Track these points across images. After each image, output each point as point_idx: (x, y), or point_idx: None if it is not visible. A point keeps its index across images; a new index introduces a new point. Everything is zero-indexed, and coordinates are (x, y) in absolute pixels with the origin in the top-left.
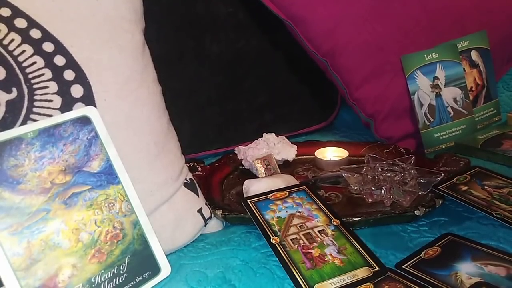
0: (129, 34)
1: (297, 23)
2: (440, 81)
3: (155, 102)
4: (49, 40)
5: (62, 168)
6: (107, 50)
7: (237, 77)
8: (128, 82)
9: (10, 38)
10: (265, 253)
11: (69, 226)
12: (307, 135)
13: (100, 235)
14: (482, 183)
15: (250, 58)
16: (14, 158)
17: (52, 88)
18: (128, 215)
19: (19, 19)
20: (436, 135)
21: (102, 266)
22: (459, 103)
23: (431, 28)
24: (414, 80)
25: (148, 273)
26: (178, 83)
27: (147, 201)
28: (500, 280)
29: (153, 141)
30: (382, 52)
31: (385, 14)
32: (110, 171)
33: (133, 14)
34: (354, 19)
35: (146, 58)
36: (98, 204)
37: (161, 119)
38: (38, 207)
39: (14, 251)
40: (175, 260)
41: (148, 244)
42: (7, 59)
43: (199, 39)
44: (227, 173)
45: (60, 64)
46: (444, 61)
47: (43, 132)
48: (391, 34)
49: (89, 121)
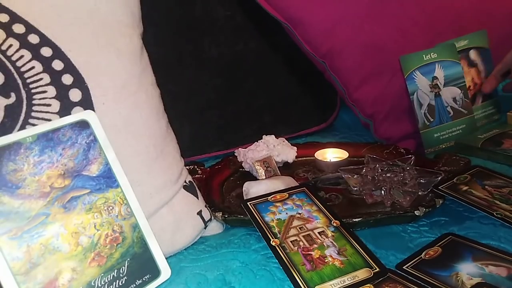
0: (127, 38)
1: (295, 25)
2: (439, 81)
3: (153, 105)
4: (47, 45)
5: (61, 172)
6: (105, 54)
7: (236, 79)
8: (126, 85)
9: (9, 44)
10: (265, 255)
11: (68, 230)
12: (307, 137)
13: (99, 238)
14: (482, 183)
15: (249, 61)
16: (13, 162)
17: (51, 92)
18: (127, 218)
19: (17, 24)
20: (436, 135)
21: (102, 269)
22: (458, 102)
23: (429, 28)
24: (413, 80)
25: (148, 276)
26: (177, 86)
27: (146, 204)
28: (501, 280)
29: (152, 144)
30: (380, 52)
31: (383, 15)
32: (109, 174)
33: (131, 18)
34: (352, 20)
35: (144, 61)
36: (97, 207)
37: (160, 122)
38: (38, 211)
39: (14, 255)
40: (175, 263)
41: (148, 247)
42: (6, 64)
43: (198, 42)
44: (227, 175)
45: (58, 68)
46: (443, 61)
47: (42, 137)
48: (389, 35)
49: (88, 125)
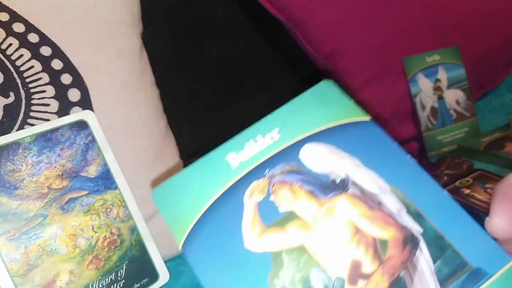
0: (127, 38)
1: (297, 25)
2: (442, 83)
3: (152, 106)
4: (47, 44)
5: (59, 173)
6: (104, 54)
7: (236, 80)
8: (126, 86)
9: (8, 43)
10: None
11: (66, 231)
12: None
13: (97, 241)
14: (484, 186)
15: (249, 61)
16: (11, 163)
17: (50, 92)
18: (125, 220)
19: (17, 23)
20: (439, 138)
21: (100, 272)
22: (461, 105)
23: (432, 30)
24: (416, 82)
25: (146, 280)
26: (176, 87)
27: (145, 207)
28: None
29: (150, 146)
30: (383, 54)
31: (386, 16)
32: (107, 176)
33: (131, 18)
34: (355, 22)
35: (143, 61)
36: (95, 209)
37: (159, 123)
38: (35, 213)
39: (12, 257)
40: (174, 267)
41: (146, 250)
42: (5, 63)
43: (198, 42)
44: None
45: (58, 68)
46: (446, 63)
47: (40, 137)
48: (393, 36)
49: (86, 125)
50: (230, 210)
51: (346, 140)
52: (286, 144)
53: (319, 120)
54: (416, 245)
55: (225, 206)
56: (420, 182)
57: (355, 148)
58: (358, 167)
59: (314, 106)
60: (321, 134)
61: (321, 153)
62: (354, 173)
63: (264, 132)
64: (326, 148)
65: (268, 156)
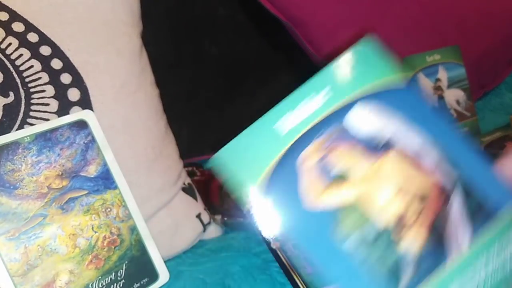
0: (127, 37)
1: (297, 25)
2: (442, 83)
3: (152, 105)
4: (46, 44)
5: (58, 173)
6: (104, 53)
7: (236, 79)
8: (125, 85)
9: (8, 42)
10: (265, 259)
11: (66, 231)
12: None
13: (97, 240)
14: None
15: (249, 61)
16: (11, 162)
17: (49, 91)
18: (125, 220)
19: (16, 23)
20: None
21: (100, 272)
22: (461, 105)
23: (432, 29)
24: (416, 82)
25: (146, 280)
26: (176, 86)
27: (144, 206)
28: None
29: (150, 146)
30: None
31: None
32: (107, 175)
33: (131, 17)
34: (355, 21)
35: (143, 61)
36: (95, 209)
37: (159, 123)
38: (35, 212)
39: (11, 256)
40: (174, 267)
41: (146, 250)
42: (5, 63)
43: (198, 41)
44: None
45: (57, 67)
46: (446, 62)
47: (40, 137)
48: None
49: (86, 125)
50: (287, 175)
51: (391, 100)
52: (336, 106)
53: (364, 80)
54: (451, 194)
55: (281, 172)
56: (452, 136)
57: (399, 107)
58: (403, 125)
59: (358, 66)
60: (368, 95)
61: (369, 114)
62: (399, 131)
63: (318, 91)
64: (373, 109)
65: (319, 119)
